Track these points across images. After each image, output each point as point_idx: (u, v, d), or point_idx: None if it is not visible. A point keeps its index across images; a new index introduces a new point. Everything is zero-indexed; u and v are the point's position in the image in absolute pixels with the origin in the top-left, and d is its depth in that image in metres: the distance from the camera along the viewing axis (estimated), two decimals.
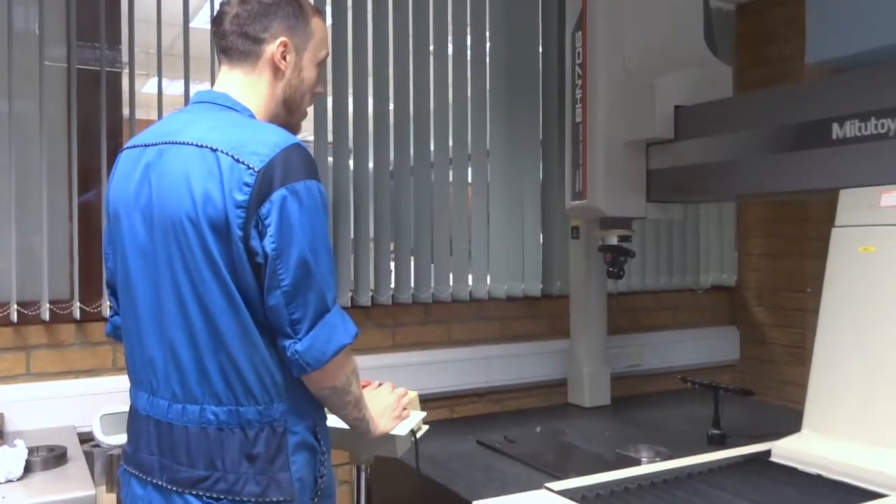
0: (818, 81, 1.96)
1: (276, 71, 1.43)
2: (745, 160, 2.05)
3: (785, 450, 1.90)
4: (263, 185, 1.26)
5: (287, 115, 1.48)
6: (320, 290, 1.30)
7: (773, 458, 1.92)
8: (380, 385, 1.65)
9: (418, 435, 1.69)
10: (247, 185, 1.26)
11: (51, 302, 2.19)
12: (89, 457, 1.96)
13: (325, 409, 1.45)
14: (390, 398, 1.61)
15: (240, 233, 1.26)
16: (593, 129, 2.24)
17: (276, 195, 1.26)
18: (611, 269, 2.47)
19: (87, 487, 1.68)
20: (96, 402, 2.11)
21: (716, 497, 1.71)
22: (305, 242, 1.27)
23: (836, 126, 1.84)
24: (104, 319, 2.18)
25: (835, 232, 1.89)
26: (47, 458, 1.80)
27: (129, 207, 1.37)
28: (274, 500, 1.30)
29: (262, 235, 1.26)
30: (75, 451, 1.91)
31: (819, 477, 1.79)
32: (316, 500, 1.37)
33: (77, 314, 2.23)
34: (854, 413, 1.81)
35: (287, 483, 1.31)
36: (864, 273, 1.82)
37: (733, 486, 1.75)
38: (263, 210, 1.25)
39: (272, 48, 1.42)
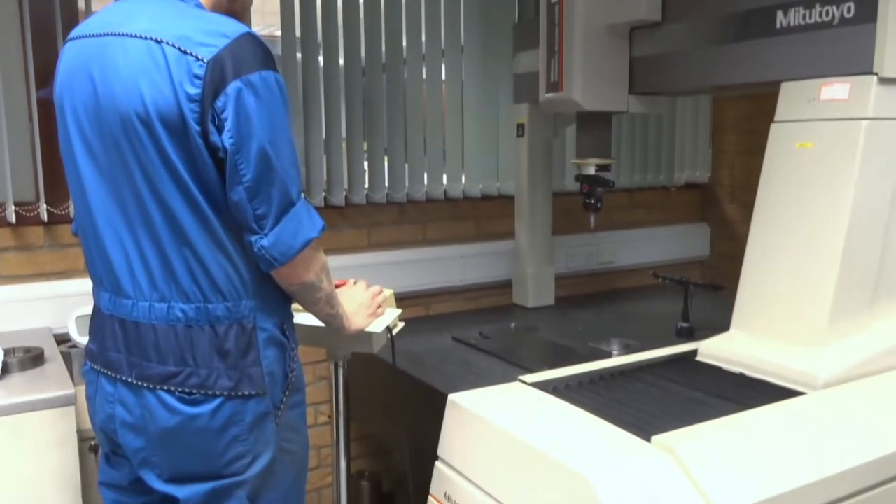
0: None
1: None
2: (689, 51, 1.98)
3: (711, 349, 1.91)
4: (215, 78, 1.21)
5: (229, 3, 1.41)
6: (283, 183, 1.27)
7: (699, 358, 1.93)
8: (354, 283, 1.66)
9: (394, 332, 1.71)
10: (197, 77, 1.21)
11: (16, 204, 2.15)
12: (66, 357, 1.97)
13: (300, 307, 1.46)
14: (364, 296, 1.62)
15: (197, 128, 1.22)
16: (571, 10, 2.09)
17: (231, 88, 1.21)
18: (588, 200, 2.36)
19: (66, 386, 1.69)
20: (70, 303, 2.11)
21: (669, 387, 1.76)
22: (265, 136, 1.24)
23: (780, 14, 1.78)
24: (72, 221, 2.15)
25: (773, 128, 1.83)
26: (24, 359, 1.80)
27: (75, 104, 1.32)
28: (246, 393, 1.32)
29: (220, 130, 1.22)
30: (52, 351, 1.92)
31: (742, 375, 1.81)
32: (287, 393, 1.40)
33: (44, 216, 2.18)
34: (781, 312, 1.81)
35: (259, 377, 1.33)
36: (799, 170, 1.78)
37: (685, 380, 1.80)
38: (219, 104, 1.21)
39: None
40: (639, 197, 3.34)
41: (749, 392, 1.71)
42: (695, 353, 1.97)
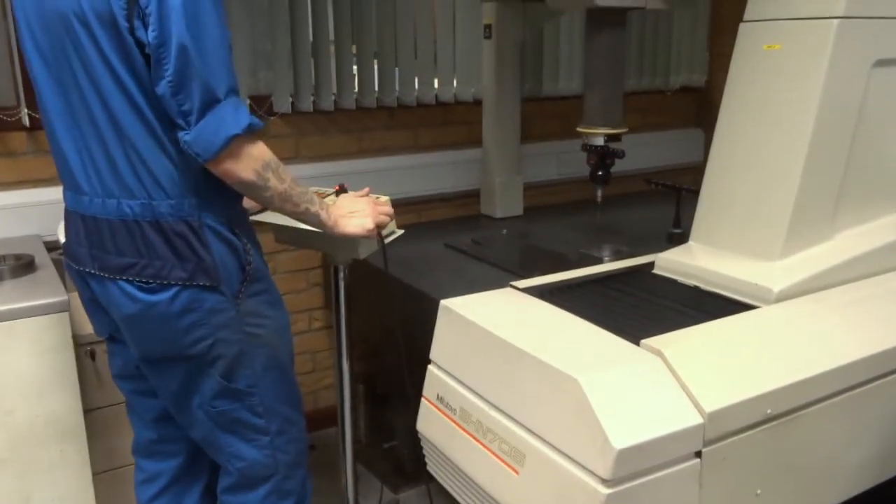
0: None
1: None
2: None
3: (666, 261, 1.89)
4: None
5: None
6: (204, 79, 1.27)
7: (656, 271, 1.90)
8: (367, 193, 1.70)
9: (391, 239, 1.71)
10: None
11: None
12: (58, 264, 1.96)
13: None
14: (360, 203, 1.62)
15: (125, 24, 1.25)
16: None
17: None
18: (597, 173, 2.15)
19: (59, 293, 1.70)
20: (58, 210, 2.03)
21: (640, 294, 1.78)
22: (184, 30, 1.25)
23: None
24: None
25: (742, 28, 1.75)
26: (15, 266, 1.80)
27: (25, 7, 1.36)
28: (201, 284, 1.38)
29: (145, 25, 1.25)
30: (43, 258, 1.91)
31: (697, 288, 1.78)
32: (245, 284, 1.45)
33: (26, 121, 2.13)
34: (739, 224, 1.76)
35: (212, 270, 1.38)
36: (766, 74, 1.70)
37: (652, 290, 1.81)
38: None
39: None
40: (633, 101, 3.28)
41: (708, 304, 1.70)
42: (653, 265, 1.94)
